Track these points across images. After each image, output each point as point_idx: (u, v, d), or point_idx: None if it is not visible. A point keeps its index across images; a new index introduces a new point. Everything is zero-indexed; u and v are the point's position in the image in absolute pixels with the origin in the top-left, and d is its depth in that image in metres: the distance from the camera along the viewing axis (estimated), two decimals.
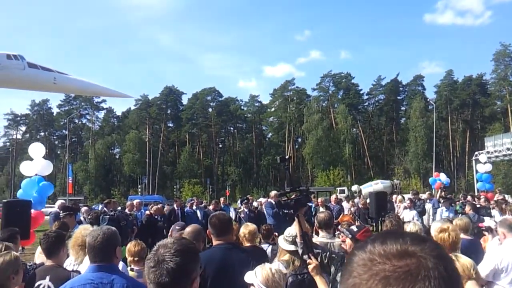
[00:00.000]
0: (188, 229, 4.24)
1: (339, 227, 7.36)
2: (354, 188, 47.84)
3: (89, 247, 2.81)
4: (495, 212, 10.63)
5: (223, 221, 3.57)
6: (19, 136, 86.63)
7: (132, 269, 4.63)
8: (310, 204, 11.87)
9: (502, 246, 4.41)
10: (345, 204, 16.36)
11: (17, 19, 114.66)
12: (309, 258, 3.12)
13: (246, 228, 4.90)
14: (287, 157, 3.69)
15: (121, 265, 4.11)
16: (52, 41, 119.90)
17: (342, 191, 52.75)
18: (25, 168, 11.21)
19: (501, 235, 4.58)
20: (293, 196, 3.46)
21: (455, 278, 0.76)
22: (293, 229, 4.01)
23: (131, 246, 4.84)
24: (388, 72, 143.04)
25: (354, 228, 3.80)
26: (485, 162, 24.57)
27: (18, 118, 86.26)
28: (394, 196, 16.81)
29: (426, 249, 0.77)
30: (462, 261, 3.45)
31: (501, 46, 70.71)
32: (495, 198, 16.55)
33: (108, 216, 5.73)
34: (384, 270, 0.74)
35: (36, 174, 11.04)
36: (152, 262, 1.76)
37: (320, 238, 4.59)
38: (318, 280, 2.98)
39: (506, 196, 19.54)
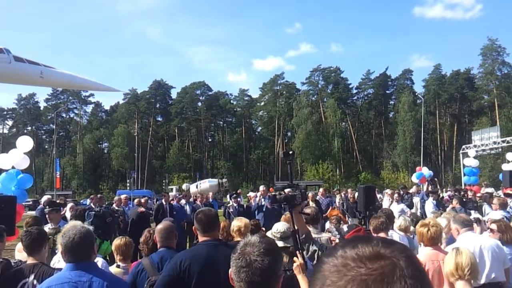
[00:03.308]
0: (160, 226, 4.17)
1: (328, 222, 7.39)
2: (184, 186, 47.49)
3: (65, 248, 2.78)
4: (486, 207, 10.55)
5: (210, 217, 3.51)
6: (5, 131, 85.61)
7: (118, 266, 4.56)
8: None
9: (456, 243, 4.47)
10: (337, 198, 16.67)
11: (3, 13, 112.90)
12: (296, 256, 3.12)
13: (241, 221, 4.86)
14: (290, 152, 3.67)
15: (100, 261, 4.06)
16: (39, 35, 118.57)
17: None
18: (1, 161, 10.98)
19: (455, 232, 4.67)
20: (287, 190, 3.44)
21: (425, 276, 0.77)
22: (281, 226, 4.00)
23: (119, 243, 4.74)
24: (379, 65, 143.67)
25: (344, 227, 3.79)
26: (475, 157, 24.79)
27: (5, 112, 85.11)
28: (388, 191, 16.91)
29: (395, 251, 0.77)
30: (458, 259, 3.43)
31: (488, 41, 71.43)
32: (481, 192, 16.74)
33: (93, 213, 5.63)
34: (360, 274, 0.73)
35: (12, 167, 10.84)
36: (243, 262, 1.80)
37: None
38: (301, 278, 3.00)
39: (492, 189, 19.73)
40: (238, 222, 4.81)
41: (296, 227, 3.43)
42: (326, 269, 0.77)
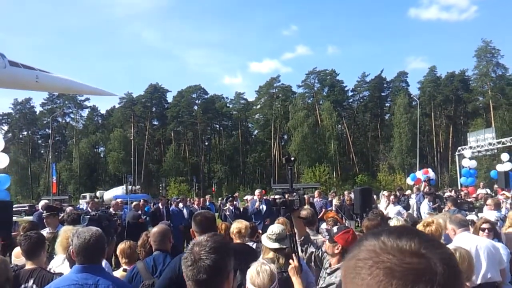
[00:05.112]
0: (154, 229, 4.23)
1: (324, 224, 7.39)
2: (98, 193, 48.81)
3: (79, 248, 2.77)
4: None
5: (208, 219, 3.55)
6: (1, 136, 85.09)
7: (125, 270, 4.57)
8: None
9: (453, 243, 4.50)
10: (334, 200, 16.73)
11: None
12: (292, 258, 3.16)
13: (242, 223, 4.88)
14: (292, 158, 3.72)
15: (103, 262, 4.08)
16: (34, 38, 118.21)
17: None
18: None
19: (451, 232, 4.70)
20: (286, 196, 3.48)
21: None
22: (276, 228, 4.02)
23: (124, 247, 4.77)
24: (374, 68, 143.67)
25: (334, 229, 3.81)
26: (470, 158, 24.95)
27: (0, 117, 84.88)
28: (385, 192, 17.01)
29: (437, 254, 0.76)
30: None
31: (483, 42, 71.82)
32: (477, 193, 16.81)
33: (88, 217, 5.65)
34: (390, 261, 0.74)
35: None
36: (189, 261, 1.84)
37: None
38: (295, 280, 3.04)
39: (487, 189, 19.81)
40: (238, 224, 4.83)
41: (294, 230, 3.47)
42: (364, 244, 0.80)
